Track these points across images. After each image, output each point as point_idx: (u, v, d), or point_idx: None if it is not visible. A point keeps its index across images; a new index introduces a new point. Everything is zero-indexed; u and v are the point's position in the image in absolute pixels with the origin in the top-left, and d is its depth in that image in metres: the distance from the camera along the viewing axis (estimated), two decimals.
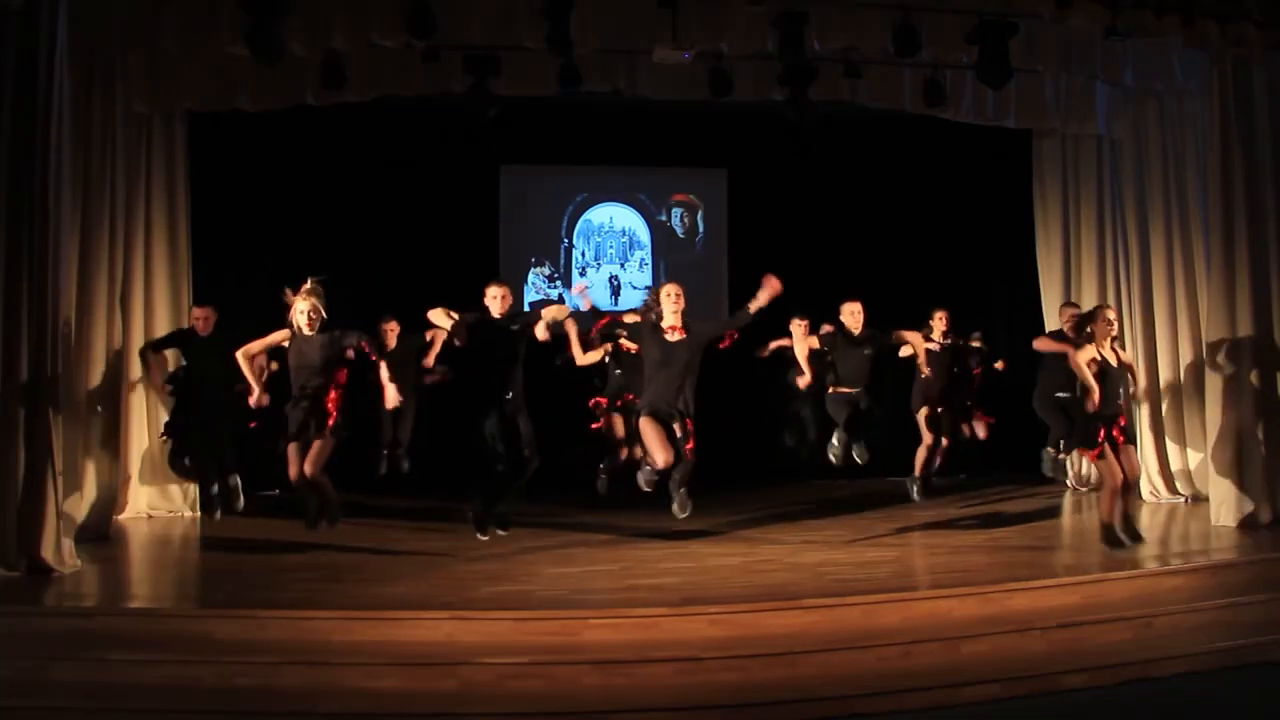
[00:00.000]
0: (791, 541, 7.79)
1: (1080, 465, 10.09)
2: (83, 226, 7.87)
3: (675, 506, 6.79)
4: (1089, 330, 6.96)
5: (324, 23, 7.78)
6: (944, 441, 8.90)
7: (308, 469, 6.85)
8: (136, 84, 8.53)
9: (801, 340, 8.45)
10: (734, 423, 9.55)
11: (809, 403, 9.01)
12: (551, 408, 8.04)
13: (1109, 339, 6.98)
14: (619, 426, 8.46)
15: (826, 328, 8.52)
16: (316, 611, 5.87)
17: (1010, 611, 6.09)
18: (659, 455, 6.59)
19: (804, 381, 8.46)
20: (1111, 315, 7.08)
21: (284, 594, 6.28)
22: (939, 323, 8.90)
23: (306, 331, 6.81)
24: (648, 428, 6.68)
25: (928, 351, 8.53)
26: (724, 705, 5.19)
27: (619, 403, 8.52)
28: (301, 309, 6.79)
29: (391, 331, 9.03)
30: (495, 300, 7.11)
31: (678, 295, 6.84)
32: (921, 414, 8.82)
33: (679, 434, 6.71)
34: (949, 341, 8.88)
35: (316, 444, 6.82)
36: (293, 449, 6.86)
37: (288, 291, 6.87)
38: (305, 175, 10.60)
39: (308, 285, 6.83)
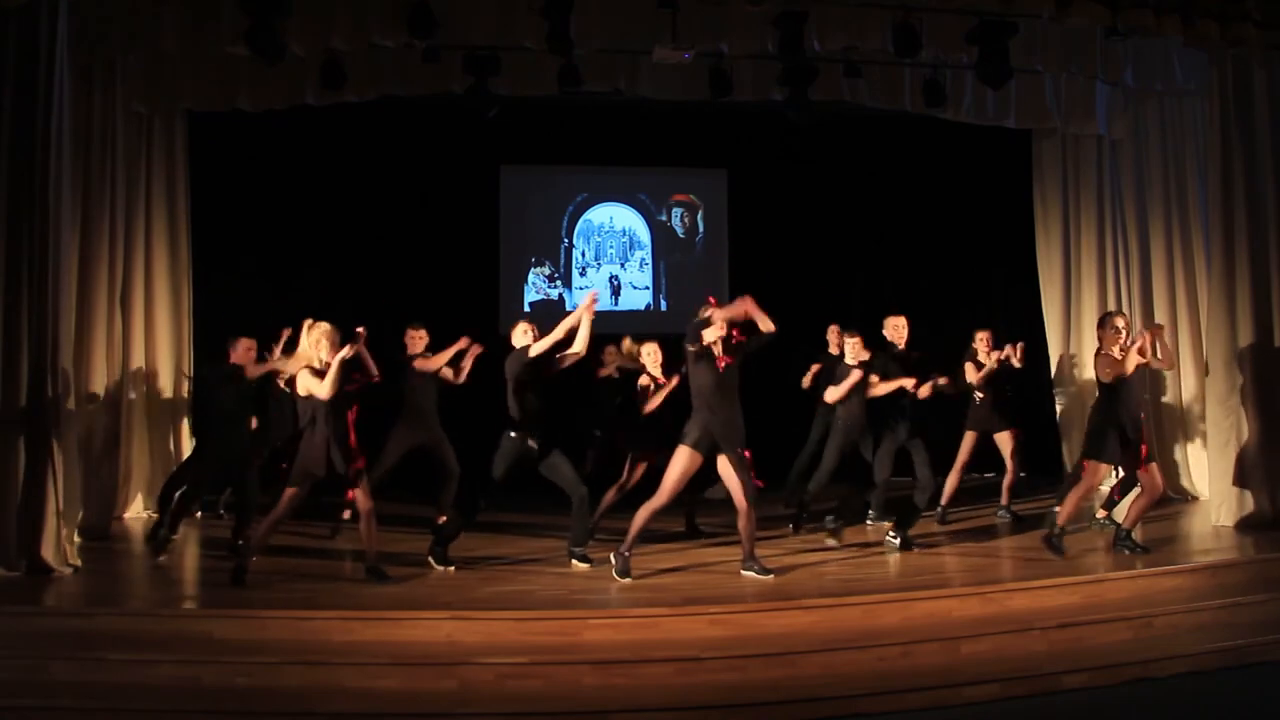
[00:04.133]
0: (791, 542, 7.78)
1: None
2: (83, 226, 7.88)
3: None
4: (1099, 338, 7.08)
5: (324, 22, 7.79)
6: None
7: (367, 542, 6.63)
8: (136, 84, 8.55)
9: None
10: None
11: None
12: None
13: (1117, 346, 6.97)
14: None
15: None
16: (316, 612, 5.87)
17: (1010, 611, 6.10)
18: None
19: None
20: (1120, 323, 7.05)
21: (284, 594, 6.28)
22: (983, 344, 8.44)
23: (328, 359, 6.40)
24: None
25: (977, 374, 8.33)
26: (724, 705, 5.19)
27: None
28: (318, 339, 6.45)
29: (419, 339, 7.99)
30: (527, 335, 7.00)
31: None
32: (969, 439, 8.47)
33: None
34: (993, 364, 8.30)
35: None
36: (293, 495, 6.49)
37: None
38: (306, 175, 10.61)
39: (310, 322, 6.54)
